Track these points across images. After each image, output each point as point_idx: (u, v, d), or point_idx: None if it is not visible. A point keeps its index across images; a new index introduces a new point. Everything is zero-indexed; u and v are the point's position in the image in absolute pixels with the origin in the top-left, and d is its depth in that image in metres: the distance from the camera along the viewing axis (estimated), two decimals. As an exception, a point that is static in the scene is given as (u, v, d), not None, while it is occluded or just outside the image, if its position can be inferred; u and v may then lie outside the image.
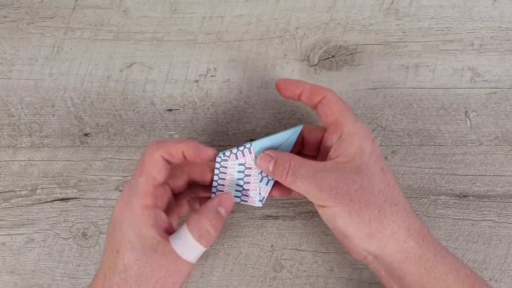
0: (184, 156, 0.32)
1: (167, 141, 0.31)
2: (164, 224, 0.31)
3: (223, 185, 0.36)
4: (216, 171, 0.36)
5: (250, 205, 0.40)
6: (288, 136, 0.36)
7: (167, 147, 0.31)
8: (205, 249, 0.31)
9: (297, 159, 0.32)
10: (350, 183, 0.30)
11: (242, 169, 0.36)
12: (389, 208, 0.30)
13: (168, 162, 0.31)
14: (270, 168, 0.33)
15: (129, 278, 0.29)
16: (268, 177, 0.38)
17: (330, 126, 0.34)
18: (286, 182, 0.32)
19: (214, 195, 0.36)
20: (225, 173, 0.36)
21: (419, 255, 0.31)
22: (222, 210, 0.33)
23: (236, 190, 0.37)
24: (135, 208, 0.29)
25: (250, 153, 0.35)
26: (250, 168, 0.36)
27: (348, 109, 0.34)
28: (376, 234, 0.30)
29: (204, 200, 0.36)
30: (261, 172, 0.36)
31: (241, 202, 0.37)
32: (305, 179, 0.31)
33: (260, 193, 0.37)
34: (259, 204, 0.37)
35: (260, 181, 0.37)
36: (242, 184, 0.36)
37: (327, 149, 0.34)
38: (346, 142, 0.32)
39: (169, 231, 0.32)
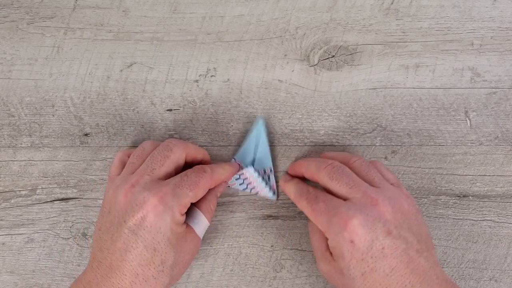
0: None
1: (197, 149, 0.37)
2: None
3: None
4: None
5: (250, 205, 0.40)
6: (258, 134, 0.40)
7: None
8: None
9: (315, 227, 0.35)
10: (336, 278, 0.33)
11: (241, 182, 0.40)
12: None
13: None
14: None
15: (165, 269, 0.32)
16: (265, 178, 0.40)
17: None
18: None
19: (234, 160, 0.41)
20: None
21: None
22: (218, 194, 0.38)
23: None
24: (177, 215, 0.32)
25: (241, 167, 0.40)
26: (248, 180, 0.40)
27: (329, 212, 0.32)
28: None
29: None
30: (256, 193, 0.40)
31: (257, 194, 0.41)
32: (313, 246, 0.36)
33: (270, 188, 0.40)
34: (274, 197, 0.40)
35: (265, 184, 0.40)
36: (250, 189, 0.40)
37: None
38: (329, 244, 0.32)
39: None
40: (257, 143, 0.40)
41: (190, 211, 0.36)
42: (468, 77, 0.42)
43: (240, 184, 0.40)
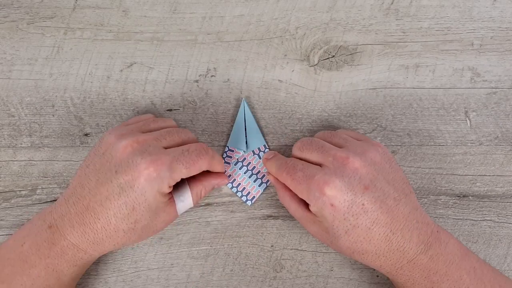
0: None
1: (216, 159, 0.36)
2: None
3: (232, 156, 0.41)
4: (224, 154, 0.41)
5: (247, 204, 0.40)
6: (243, 116, 0.41)
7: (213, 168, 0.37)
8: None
9: (289, 198, 0.37)
10: (324, 237, 0.35)
11: (240, 166, 0.41)
12: (357, 256, 0.34)
13: None
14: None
15: (136, 228, 0.34)
16: (262, 179, 0.40)
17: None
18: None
19: (227, 148, 0.41)
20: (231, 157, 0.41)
21: (390, 277, 0.35)
22: (216, 186, 0.39)
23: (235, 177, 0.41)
24: (165, 186, 0.33)
25: (233, 151, 0.41)
26: (244, 165, 0.41)
27: (305, 182, 0.34)
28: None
29: None
30: (257, 173, 0.40)
31: (236, 192, 0.41)
32: (294, 215, 0.37)
33: (250, 192, 0.41)
34: (249, 203, 0.41)
35: (254, 181, 0.41)
36: (240, 176, 0.41)
37: None
38: (312, 208, 0.34)
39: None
40: (245, 124, 0.41)
41: (180, 186, 0.36)
42: (468, 77, 0.42)
43: (240, 168, 0.41)
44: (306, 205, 0.35)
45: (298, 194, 0.34)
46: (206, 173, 0.38)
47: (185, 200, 0.36)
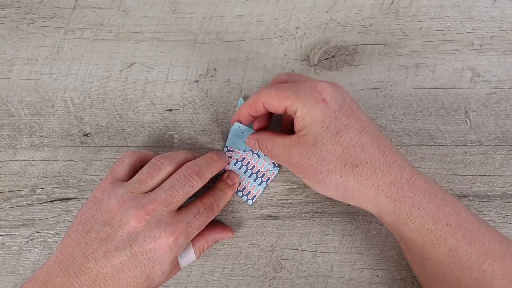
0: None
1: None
2: None
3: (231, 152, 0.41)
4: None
5: (248, 204, 0.40)
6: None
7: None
8: None
9: (271, 138, 0.35)
10: (310, 156, 0.31)
11: (239, 165, 0.41)
12: (351, 171, 0.31)
13: None
14: (257, 147, 0.37)
15: None
16: (262, 178, 0.40)
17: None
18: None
19: (226, 148, 0.41)
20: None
21: (392, 209, 0.31)
22: (219, 240, 0.40)
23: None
24: (180, 251, 0.34)
25: (232, 151, 0.40)
26: (244, 165, 0.40)
27: (293, 86, 0.33)
28: (348, 195, 0.32)
29: None
30: (257, 172, 0.40)
31: (236, 192, 0.41)
32: (279, 157, 0.34)
33: (251, 192, 0.41)
34: (250, 203, 0.41)
35: (254, 180, 0.41)
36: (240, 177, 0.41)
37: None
38: (300, 116, 0.32)
39: None
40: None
41: None
42: (468, 77, 0.42)
43: (240, 168, 0.40)
44: (289, 134, 0.34)
45: (284, 103, 0.32)
46: (210, 228, 0.38)
47: (188, 256, 0.37)
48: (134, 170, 0.36)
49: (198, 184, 0.34)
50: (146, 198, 0.32)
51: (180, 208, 0.34)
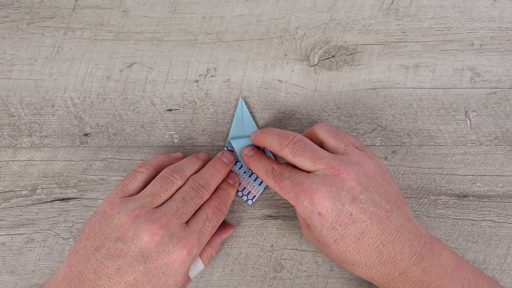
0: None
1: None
2: None
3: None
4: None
5: (248, 203, 0.40)
6: (241, 114, 0.41)
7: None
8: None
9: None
10: (317, 243, 0.35)
11: (239, 165, 0.41)
12: (347, 266, 0.34)
13: None
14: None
15: None
16: None
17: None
18: None
19: (226, 148, 0.41)
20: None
21: None
22: (223, 240, 0.40)
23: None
24: (193, 261, 0.34)
25: (232, 151, 0.40)
26: (243, 165, 0.41)
27: (291, 186, 0.34)
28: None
29: None
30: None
31: (237, 192, 0.41)
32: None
33: (251, 192, 0.41)
34: (250, 203, 0.41)
35: (255, 180, 0.41)
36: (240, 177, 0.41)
37: None
38: (302, 217, 0.34)
39: None
40: (243, 123, 0.41)
41: None
42: (468, 77, 0.42)
43: (240, 168, 0.41)
44: None
45: (288, 201, 0.34)
46: (214, 237, 0.39)
47: (196, 266, 0.37)
48: (146, 186, 0.36)
49: (205, 196, 0.35)
50: (159, 212, 0.33)
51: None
